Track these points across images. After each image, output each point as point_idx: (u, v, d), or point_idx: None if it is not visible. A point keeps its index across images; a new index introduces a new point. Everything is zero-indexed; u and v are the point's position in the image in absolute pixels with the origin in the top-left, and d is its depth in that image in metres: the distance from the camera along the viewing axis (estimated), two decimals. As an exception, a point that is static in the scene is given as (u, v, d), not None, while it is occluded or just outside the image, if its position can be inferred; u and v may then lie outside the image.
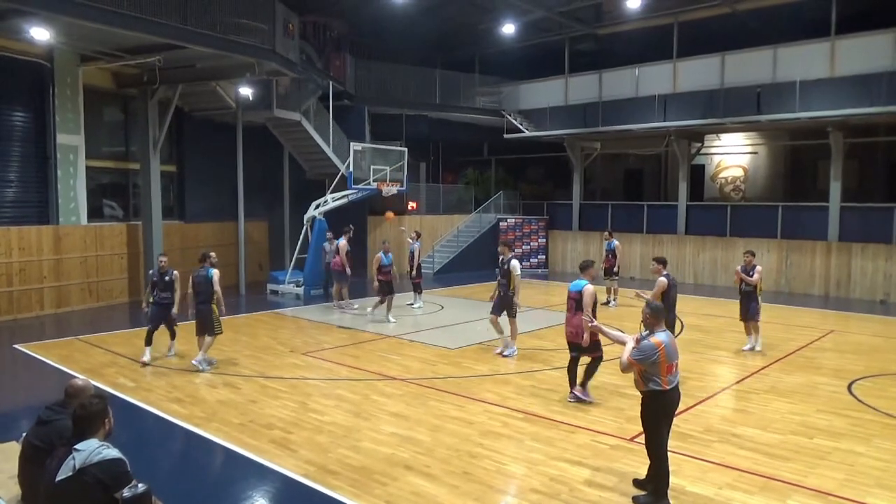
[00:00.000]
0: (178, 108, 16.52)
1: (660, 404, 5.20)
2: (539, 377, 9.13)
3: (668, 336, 5.25)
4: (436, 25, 22.54)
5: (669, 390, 5.16)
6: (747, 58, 18.65)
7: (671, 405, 5.27)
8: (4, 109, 13.53)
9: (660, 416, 5.24)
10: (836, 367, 9.83)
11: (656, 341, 5.13)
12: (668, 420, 5.31)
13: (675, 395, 5.26)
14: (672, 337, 5.33)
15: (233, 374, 9.29)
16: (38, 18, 11.35)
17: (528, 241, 23.19)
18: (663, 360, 5.09)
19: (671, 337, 5.29)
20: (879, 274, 16.88)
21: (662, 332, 5.25)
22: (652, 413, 5.24)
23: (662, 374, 5.11)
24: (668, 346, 5.14)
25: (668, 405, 5.24)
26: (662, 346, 5.10)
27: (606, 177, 27.07)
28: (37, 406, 4.28)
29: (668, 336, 5.24)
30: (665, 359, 5.10)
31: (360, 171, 17.10)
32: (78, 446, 3.39)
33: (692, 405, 7.93)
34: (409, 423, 7.23)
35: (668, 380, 5.14)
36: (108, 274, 15.24)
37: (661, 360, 5.08)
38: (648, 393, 5.19)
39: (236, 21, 13.45)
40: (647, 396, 5.22)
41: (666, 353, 5.10)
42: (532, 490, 5.59)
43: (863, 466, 6.12)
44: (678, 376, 5.27)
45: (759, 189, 23.37)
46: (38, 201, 14.09)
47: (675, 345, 5.27)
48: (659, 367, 5.09)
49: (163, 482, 4.77)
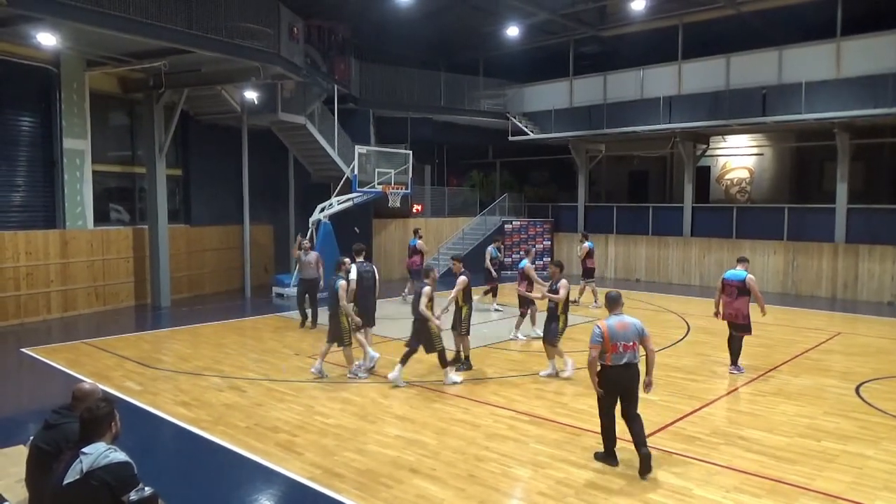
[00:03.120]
0: (184, 113, 16.58)
1: (603, 377, 6.02)
2: (544, 380, 9.10)
3: (617, 320, 6.03)
4: (440, 28, 22.58)
5: (612, 367, 5.96)
6: (752, 59, 18.62)
7: (614, 379, 6.00)
8: (11, 114, 13.61)
9: (605, 387, 6.04)
10: (844, 370, 9.79)
11: (602, 325, 5.98)
12: (611, 392, 6.04)
13: (621, 371, 5.96)
14: (622, 321, 6.05)
15: (238, 377, 9.30)
16: (45, 24, 11.42)
17: (534, 243, 23.17)
18: (607, 340, 5.90)
19: (621, 321, 6.04)
20: (887, 276, 16.80)
21: (614, 316, 6.09)
22: (601, 384, 6.06)
23: (607, 353, 5.93)
24: (612, 329, 5.95)
25: (610, 379, 6.00)
26: (606, 329, 5.94)
27: (611, 179, 27.03)
28: (44, 410, 4.29)
29: (616, 321, 6.03)
30: (609, 340, 5.90)
31: (364, 175, 17.14)
32: (85, 450, 3.39)
33: (698, 407, 7.91)
34: (415, 426, 7.22)
35: (611, 357, 5.94)
36: (114, 278, 15.30)
37: (606, 340, 5.90)
38: (602, 367, 6.05)
39: (241, 25, 13.51)
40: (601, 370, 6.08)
41: (610, 335, 5.92)
42: (538, 493, 5.58)
43: (871, 469, 6.08)
44: (627, 357, 5.94)
45: (765, 191, 23.30)
46: (44, 206, 14.15)
47: (624, 328, 5.99)
48: (603, 345, 5.93)
49: (169, 486, 4.78)
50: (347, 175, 17.38)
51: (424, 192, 23.68)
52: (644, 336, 6.05)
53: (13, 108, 13.64)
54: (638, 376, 6.06)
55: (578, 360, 10.23)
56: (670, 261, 20.85)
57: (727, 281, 9.55)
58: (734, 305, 9.41)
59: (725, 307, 9.55)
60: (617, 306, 6.19)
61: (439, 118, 23.29)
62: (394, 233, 21.43)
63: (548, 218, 24.22)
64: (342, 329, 9.04)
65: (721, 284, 9.64)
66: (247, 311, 15.28)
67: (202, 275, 17.83)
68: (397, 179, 17.68)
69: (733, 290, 9.42)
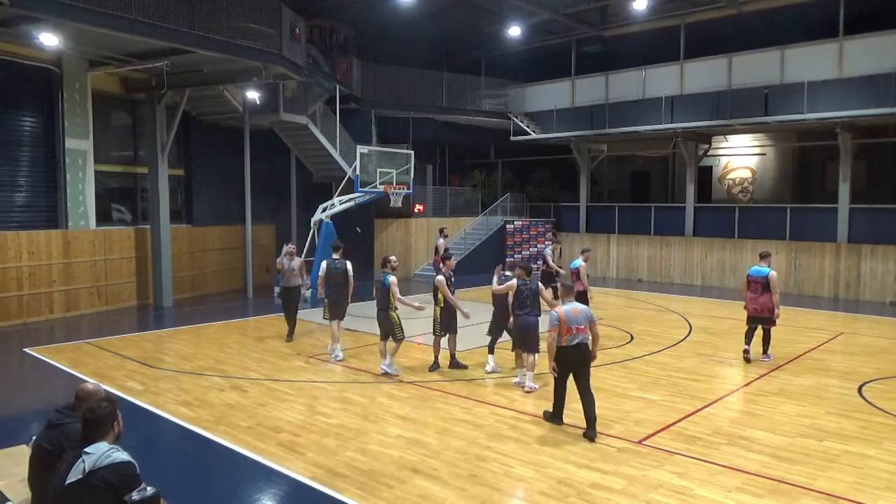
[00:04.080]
0: (186, 113, 16.61)
1: (559, 356, 6.95)
2: (546, 379, 9.09)
3: (571, 307, 7.00)
4: (442, 28, 22.59)
5: (567, 347, 6.90)
6: (754, 59, 18.59)
7: (568, 358, 6.94)
8: (14, 114, 13.64)
9: (560, 364, 6.98)
10: (846, 370, 9.78)
11: (559, 310, 6.94)
12: (565, 368, 7.00)
13: (574, 351, 6.92)
14: (575, 307, 7.04)
15: (240, 377, 9.31)
16: (47, 24, 11.44)
17: (535, 243, 23.16)
18: (563, 323, 6.82)
19: (574, 307, 7.02)
20: (889, 275, 16.77)
21: (567, 304, 7.06)
22: (557, 361, 6.98)
23: (563, 335, 6.85)
24: (567, 314, 6.91)
25: (565, 357, 6.95)
26: (563, 314, 6.87)
27: (613, 179, 27.02)
28: (46, 410, 4.31)
29: (570, 307, 7.00)
30: (564, 323, 6.83)
31: (366, 175, 17.16)
32: (87, 449, 3.40)
33: (700, 408, 7.90)
34: (417, 426, 7.23)
35: (566, 339, 6.88)
36: (116, 278, 15.32)
37: (562, 323, 6.81)
38: (557, 348, 6.91)
39: (243, 25, 13.52)
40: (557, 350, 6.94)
41: (565, 319, 6.86)
42: (540, 493, 5.58)
43: (873, 469, 6.08)
44: (579, 338, 6.90)
45: (767, 191, 23.27)
46: (47, 206, 14.17)
47: (576, 313, 6.95)
48: (560, 328, 6.84)
49: (171, 485, 4.79)
50: (349, 175, 17.40)
51: (426, 192, 23.69)
52: (592, 321, 7.03)
53: (15, 109, 13.67)
54: (588, 355, 7.00)
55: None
56: (672, 261, 20.84)
57: (752, 277, 10.07)
58: (759, 301, 9.93)
59: (751, 302, 10.06)
60: (569, 295, 7.27)
61: (441, 118, 23.30)
62: (395, 233, 21.44)
63: (550, 218, 24.22)
64: (393, 324, 9.26)
65: (746, 280, 10.15)
66: (249, 311, 15.29)
67: (204, 275, 17.86)
68: (399, 179, 17.69)
69: (758, 286, 9.93)
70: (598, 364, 9.97)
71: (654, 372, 9.60)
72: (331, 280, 10.41)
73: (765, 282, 9.86)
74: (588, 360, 7.00)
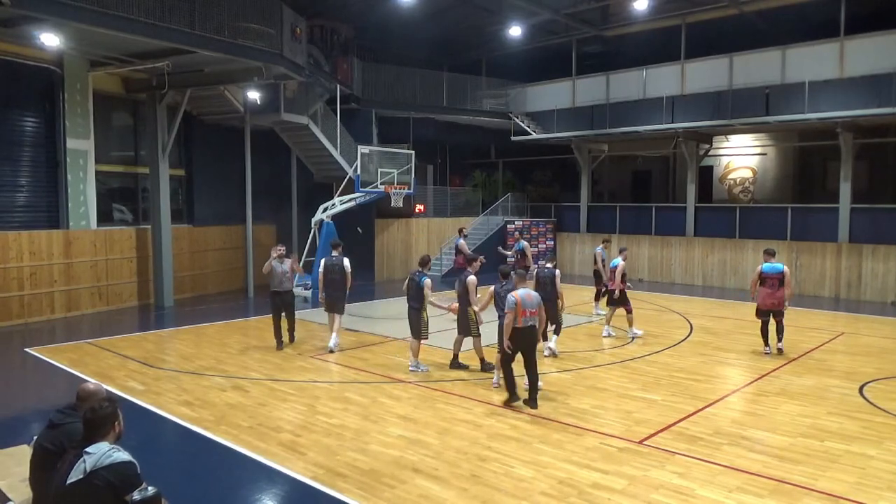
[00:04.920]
0: (187, 113, 16.61)
1: (514, 336, 7.65)
2: (547, 379, 9.09)
3: (525, 293, 7.73)
4: (442, 28, 22.57)
5: (521, 328, 7.64)
6: (755, 59, 18.57)
7: (521, 338, 7.68)
8: (15, 115, 13.65)
9: (514, 343, 7.68)
10: (848, 370, 9.77)
11: (515, 295, 7.63)
12: (517, 347, 7.70)
13: (526, 332, 7.69)
14: (529, 293, 7.80)
15: (241, 377, 9.32)
16: (48, 24, 11.45)
17: (536, 243, 23.15)
18: (519, 307, 7.55)
19: (528, 293, 7.77)
20: (890, 275, 16.75)
21: (522, 290, 7.78)
22: (511, 341, 7.68)
23: (519, 316, 7.58)
24: (522, 298, 7.65)
25: (518, 338, 7.67)
26: (518, 298, 7.59)
27: (614, 179, 26.99)
28: (47, 410, 4.32)
29: (524, 293, 7.73)
30: (520, 307, 7.55)
31: (367, 175, 17.16)
32: (88, 449, 3.40)
33: (701, 407, 7.90)
34: (418, 426, 7.23)
35: (521, 320, 7.61)
36: (117, 278, 15.33)
37: (518, 307, 7.54)
38: (513, 328, 7.63)
39: (244, 25, 13.52)
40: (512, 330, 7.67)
41: (521, 303, 7.58)
42: (540, 493, 5.58)
43: (874, 469, 6.07)
44: (532, 321, 7.69)
45: (768, 190, 23.25)
46: (48, 206, 14.19)
47: (529, 298, 7.72)
48: (516, 311, 7.56)
49: (172, 485, 4.79)
50: (350, 175, 17.40)
51: (427, 192, 23.67)
52: (541, 305, 7.94)
53: (17, 109, 13.68)
54: (536, 336, 7.95)
55: (576, 360, 10.25)
56: (673, 261, 20.83)
57: (767, 274, 10.45)
58: (776, 295, 10.40)
59: (767, 297, 10.44)
60: (523, 282, 8.02)
61: (442, 118, 23.30)
62: (396, 233, 21.44)
63: (550, 218, 24.21)
64: (422, 323, 9.44)
65: (760, 277, 10.49)
66: (249, 311, 15.29)
67: (205, 275, 17.87)
68: (400, 179, 17.70)
69: (775, 281, 10.39)
70: (599, 364, 10.04)
71: (656, 372, 9.60)
72: (328, 276, 10.76)
73: (781, 277, 10.36)
74: (536, 341, 7.96)
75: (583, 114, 22.11)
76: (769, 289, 10.42)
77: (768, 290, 10.42)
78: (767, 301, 10.47)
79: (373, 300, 16.68)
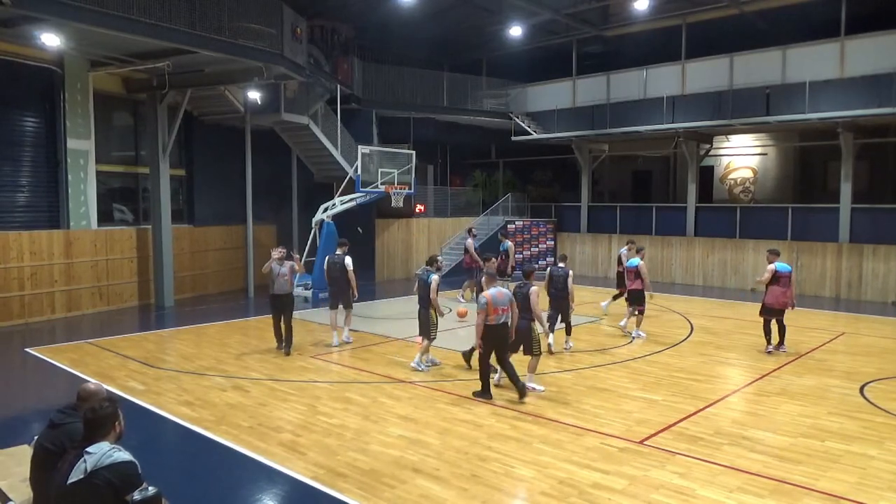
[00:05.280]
0: (187, 113, 16.62)
1: (486, 334, 7.98)
2: (548, 380, 9.10)
3: (496, 291, 8.04)
4: (443, 28, 22.56)
5: (493, 326, 7.95)
6: (756, 59, 18.57)
7: (493, 335, 8.01)
8: (15, 115, 13.65)
9: (486, 341, 8.03)
10: (848, 370, 9.76)
11: (486, 295, 7.97)
12: (490, 344, 8.05)
13: (500, 330, 8.01)
14: (500, 291, 8.08)
15: (242, 377, 9.32)
16: (49, 24, 11.45)
17: (537, 243, 23.15)
18: (490, 305, 7.87)
19: (499, 291, 8.07)
20: (891, 275, 16.75)
21: (493, 289, 8.08)
22: (483, 339, 8.02)
23: (490, 314, 7.88)
24: (494, 297, 7.93)
25: (491, 335, 8.00)
26: (490, 297, 7.91)
27: (614, 179, 26.98)
28: (48, 409, 4.32)
29: (496, 291, 8.03)
30: (492, 305, 7.87)
31: (367, 175, 17.16)
32: (89, 449, 3.40)
33: (702, 408, 7.90)
34: (418, 426, 7.23)
35: (493, 318, 7.92)
36: (118, 278, 15.33)
37: (489, 306, 7.86)
38: (485, 326, 7.94)
39: (245, 25, 13.53)
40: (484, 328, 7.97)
41: (492, 302, 7.89)
42: (541, 493, 5.58)
43: (875, 470, 6.07)
44: (504, 318, 7.98)
45: (769, 190, 23.24)
46: (48, 206, 14.19)
47: (501, 296, 8.01)
48: (487, 310, 7.88)
49: (173, 485, 4.79)
50: (350, 175, 17.40)
51: (427, 192, 23.67)
52: (512, 302, 8.14)
53: (17, 109, 13.68)
54: (508, 333, 8.13)
55: (577, 360, 10.25)
56: (674, 261, 20.82)
57: (783, 273, 10.46)
58: (788, 294, 10.49)
59: (781, 297, 10.46)
60: (493, 281, 8.35)
61: (442, 118, 23.29)
62: (396, 233, 21.44)
63: (551, 218, 24.20)
64: (430, 323, 9.52)
65: (777, 276, 10.43)
66: (250, 311, 15.29)
67: (205, 275, 17.87)
68: (400, 179, 17.70)
69: (787, 280, 10.45)
70: (600, 364, 10.04)
71: (656, 372, 9.60)
72: (329, 274, 11.31)
73: (790, 276, 10.49)
74: (508, 337, 8.15)
75: (583, 114, 22.11)
76: (782, 287, 10.46)
77: (782, 288, 10.47)
78: (781, 300, 10.51)
79: (373, 300, 16.68)
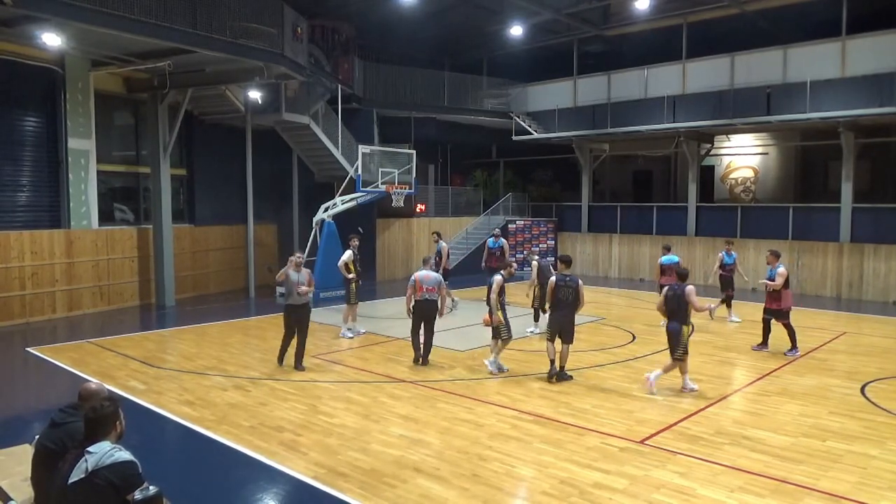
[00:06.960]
0: (188, 113, 16.62)
1: (415, 308, 9.70)
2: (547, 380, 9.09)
3: (424, 273, 9.67)
4: (443, 28, 22.56)
5: (419, 301, 9.65)
6: (757, 58, 18.56)
7: (420, 309, 9.70)
8: (16, 114, 13.66)
9: (415, 314, 9.73)
10: (849, 369, 9.76)
11: (415, 276, 9.64)
12: (418, 317, 9.72)
13: (425, 304, 9.65)
14: (428, 274, 9.66)
15: (243, 376, 9.32)
16: (50, 24, 11.44)
17: (537, 242, 23.15)
18: (417, 283, 9.57)
19: (427, 274, 9.67)
20: (892, 275, 16.74)
21: (422, 270, 9.72)
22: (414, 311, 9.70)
23: (417, 292, 9.60)
24: (421, 278, 9.60)
25: (418, 309, 9.70)
26: (418, 278, 9.58)
27: (615, 178, 26.98)
28: (49, 409, 4.33)
29: (423, 273, 9.67)
30: (419, 283, 9.58)
31: (368, 174, 17.15)
32: (90, 449, 3.40)
33: (703, 407, 7.89)
34: (419, 426, 7.23)
35: (420, 295, 9.63)
36: (119, 277, 15.34)
37: (417, 284, 9.56)
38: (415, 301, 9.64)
39: (245, 25, 13.53)
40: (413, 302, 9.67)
41: (420, 281, 9.60)
42: (542, 493, 5.58)
43: (876, 469, 6.06)
44: (428, 296, 9.59)
45: (770, 190, 23.23)
46: (49, 205, 14.20)
47: (427, 278, 9.61)
48: (415, 286, 9.60)
49: (174, 484, 4.79)
50: (351, 175, 17.39)
51: (428, 192, 23.68)
52: (441, 285, 9.71)
53: (18, 109, 13.69)
54: (435, 309, 9.68)
55: (577, 360, 10.25)
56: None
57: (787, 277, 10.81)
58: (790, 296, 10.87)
59: (786, 299, 10.70)
60: (427, 265, 9.92)
61: (443, 118, 23.29)
62: (397, 233, 21.44)
63: (552, 217, 24.20)
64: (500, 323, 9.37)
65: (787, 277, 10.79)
66: (251, 311, 15.30)
67: (206, 274, 17.88)
68: (401, 179, 17.68)
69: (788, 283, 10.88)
70: (601, 364, 10.03)
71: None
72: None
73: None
74: (434, 313, 9.68)
75: (584, 113, 22.10)
76: (787, 289, 10.72)
77: (787, 290, 10.71)
78: (786, 302, 10.72)
79: (374, 300, 16.68)
